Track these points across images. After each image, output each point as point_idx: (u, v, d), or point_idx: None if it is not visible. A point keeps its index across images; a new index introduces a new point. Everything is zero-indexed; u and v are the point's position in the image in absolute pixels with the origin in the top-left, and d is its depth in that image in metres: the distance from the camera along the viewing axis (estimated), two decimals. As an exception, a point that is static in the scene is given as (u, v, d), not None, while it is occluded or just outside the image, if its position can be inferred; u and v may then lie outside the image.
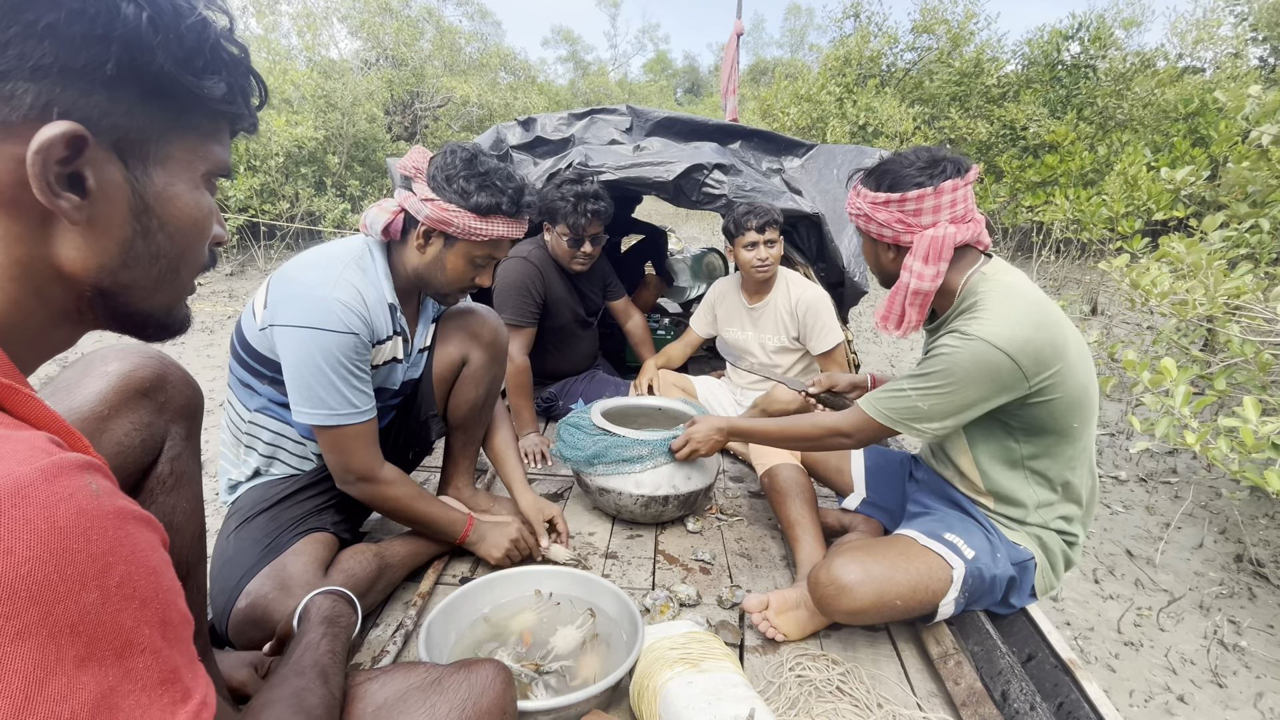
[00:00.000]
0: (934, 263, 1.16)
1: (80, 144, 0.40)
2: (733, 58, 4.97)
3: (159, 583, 0.38)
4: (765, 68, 23.80)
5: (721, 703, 0.93)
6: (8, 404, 0.40)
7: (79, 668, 0.33)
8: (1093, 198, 4.71)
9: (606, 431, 1.64)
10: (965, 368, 1.12)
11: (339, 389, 1.17)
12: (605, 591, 1.24)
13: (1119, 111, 8.15)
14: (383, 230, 1.24)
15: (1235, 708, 1.73)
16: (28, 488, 0.33)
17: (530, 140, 2.48)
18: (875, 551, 1.20)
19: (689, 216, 11.42)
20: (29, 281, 0.42)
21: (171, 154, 0.47)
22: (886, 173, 1.19)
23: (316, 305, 1.14)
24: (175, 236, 0.48)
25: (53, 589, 0.33)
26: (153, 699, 0.37)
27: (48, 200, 0.40)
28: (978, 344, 1.11)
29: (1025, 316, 1.13)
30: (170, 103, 0.45)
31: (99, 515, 0.36)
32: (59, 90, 0.40)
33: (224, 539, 1.23)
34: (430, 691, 0.75)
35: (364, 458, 1.23)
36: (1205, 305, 2.24)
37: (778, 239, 2.09)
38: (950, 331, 1.16)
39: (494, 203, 1.20)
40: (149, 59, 0.42)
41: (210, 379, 3.78)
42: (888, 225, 1.19)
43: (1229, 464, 1.86)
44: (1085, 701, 1.02)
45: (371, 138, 8.78)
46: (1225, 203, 3.13)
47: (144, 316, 0.50)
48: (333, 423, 1.18)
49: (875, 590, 1.14)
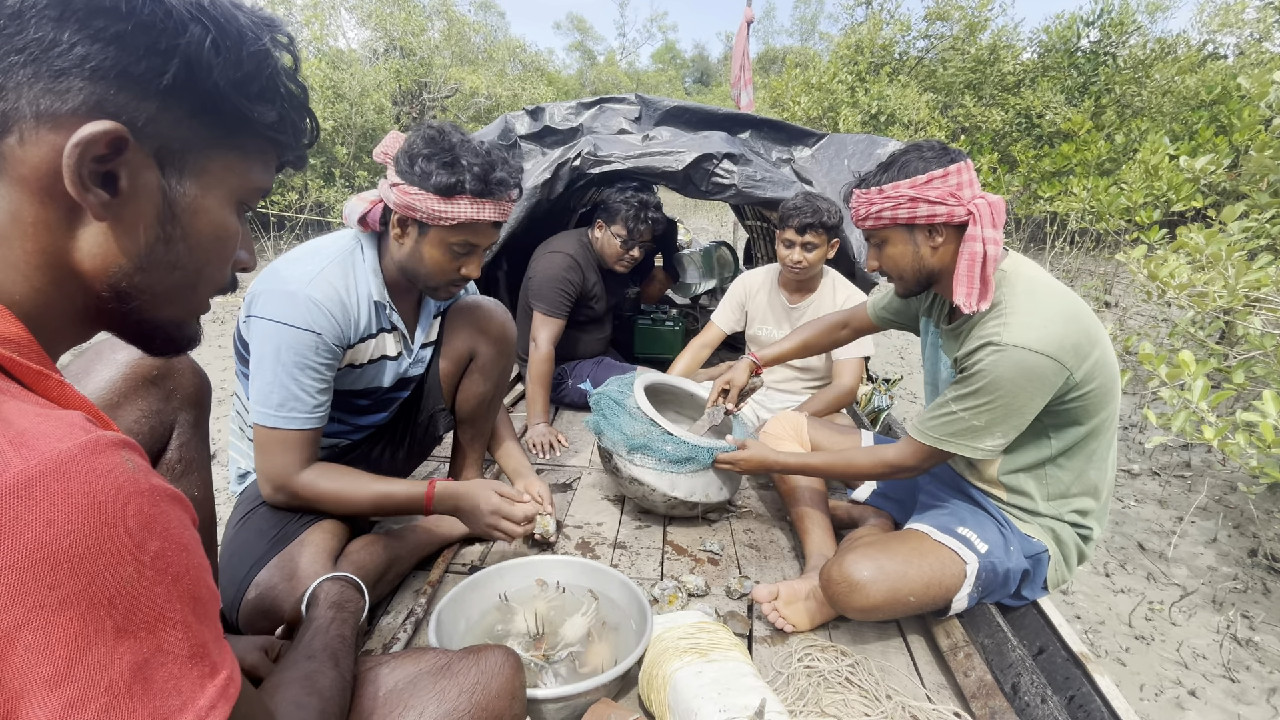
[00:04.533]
0: (1000, 226, 1.13)
1: (120, 145, 0.41)
2: (743, 47, 4.89)
3: (190, 559, 0.39)
4: (775, 56, 23.53)
5: (731, 692, 0.92)
6: (39, 388, 0.41)
7: (116, 639, 0.35)
8: (1110, 187, 4.63)
9: (654, 422, 1.58)
10: (1010, 379, 1.09)
11: (285, 387, 1.12)
12: (614, 581, 1.24)
13: (1137, 99, 8.00)
14: (360, 221, 1.21)
15: (1248, 702, 1.71)
16: (68, 463, 0.34)
17: (539, 130, 2.47)
18: (888, 548, 1.19)
19: (697, 207, 11.35)
20: (50, 273, 0.43)
21: (210, 169, 0.48)
22: (908, 162, 1.14)
23: (286, 300, 1.11)
24: (195, 249, 0.49)
25: (93, 561, 0.34)
26: (184, 672, 0.38)
27: (76, 193, 0.41)
28: (1016, 353, 1.08)
29: (1054, 312, 1.10)
30: (219, 120, 0.47)
31: (135, 492, 0.37)
32: (113, 93, 0.41)
33: (232, 528, 1.23)
34: (440, 676, 0.76)
35: (280, 464, 1.15)
36: (1225, 298, 2.20)
37: (821, 243, 1.96)
38: (983, 343, 1.12)
39: (454, 181, 1.10)
40: (205, 77, 0.44)
41: (221, 369, 3.82)
42: (941, 201, 1.12)
43: (1247, 459, 1.83)
44: (1097, 695, 1.01)
45: (380, 128, 8.78)
46: (1246, 192, 3.06)
47: (153, 327, 0.50)
48: (266, 422, 1.13)
49: (889, 587, 1.14)
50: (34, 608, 0.32)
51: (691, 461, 1.55)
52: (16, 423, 0.35)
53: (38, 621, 0.32)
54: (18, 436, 0.34)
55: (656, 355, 2.84)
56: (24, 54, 0.39)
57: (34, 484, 0.33)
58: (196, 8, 0.43)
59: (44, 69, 0.39)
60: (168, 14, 0.41)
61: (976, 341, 1.14)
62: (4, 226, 0.41)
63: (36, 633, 0.32)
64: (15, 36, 0.38)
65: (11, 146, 0.40)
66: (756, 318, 2.22)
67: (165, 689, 0.36)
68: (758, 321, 2.22)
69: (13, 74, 0.39)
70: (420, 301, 1.39)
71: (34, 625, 0.32)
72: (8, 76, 0.39)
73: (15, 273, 0.42)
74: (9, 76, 0.39)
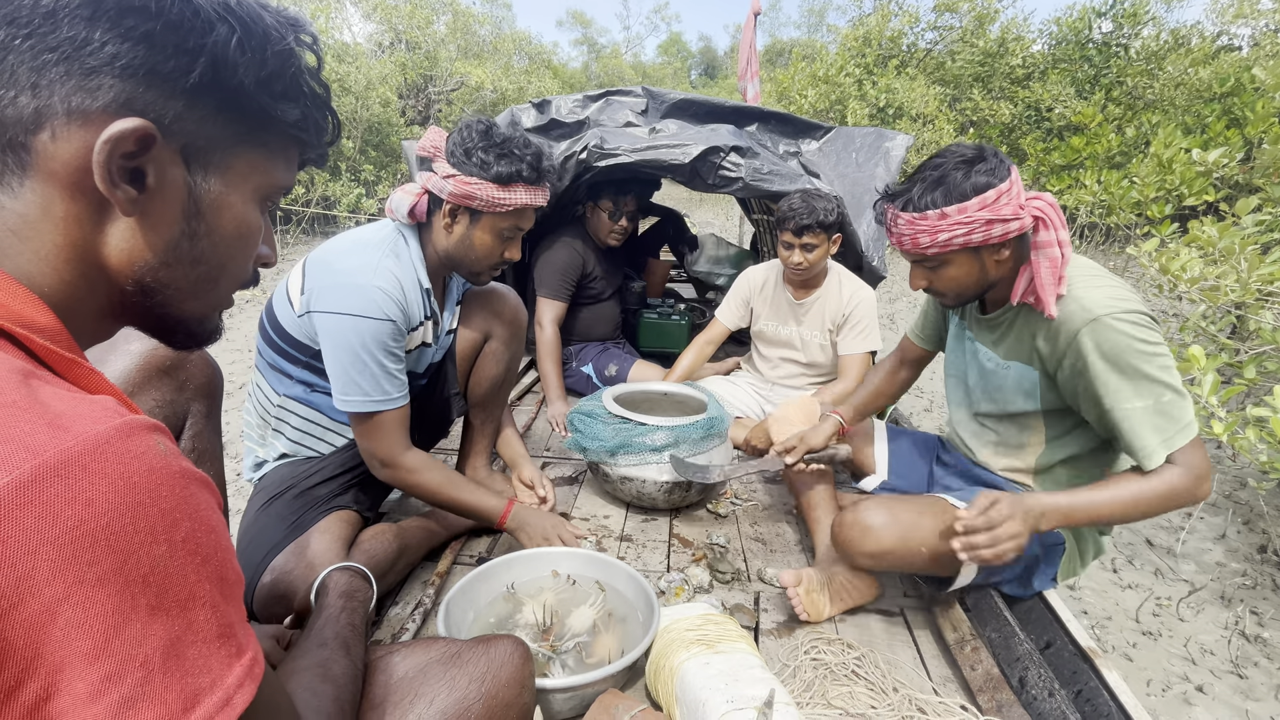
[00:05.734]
0: (1065, 224, 1.11)
1: (148, 141, 0.42)
2: (750, 39, 4.86)
3: (218, 541, 0.40)
4: (782, 49, 23.35)
5: (739, 684, 0.93)
6: (70, 376, 0.42)
7: (150, 616, 0.36)
8: (1121, 181, 4.58)
9: (626, 419, 1.63)
10: (1152, 337, 1.03)
11: (375, 376, 1.18)
12: (621, 573, 1.25)
13: (1149, 92, 7.90)
14: (409, 213, 1.25)
15: (1256, 699, 1.71)
16: (105, 445, 0.35)
17: (545, 123, 2.46)
18: (903, 499, 1.21)
19: (703, 200, 11.31)
20: (78, 266, 0.44)
21: (234, 166, 0.48)
22: (963, 178, 1.06)
23: (356, 292, 1.15)
24: (219, 244, 0.49)
25: (128, 540, 0.35)
26: (213, 650, 0.39)
27: (105, 188, 0.42)
28: (1134, 315, 1.03)
29: (1112, 277, 1.10)
30: (244, 117, 0.47)
31: (167, 474, 0.38)
32: (141, 90, 0.42)
33: (250, 515, 1.25)
34: (450, 664, 0.76)
35: (389, 444, 1.24)
36: (1237, 292, 2.18)
37: (821, 242, 1.93)
38: (1073, 332, 1.07)
39: (514, 170, 1.20)
40: (231, 75, 0.45)
41: (230, 361, 3.84)
42: (1015, 216, 1.06)
43: (1257, 455, 1.82)
44: (1104, 689, 1.01)
45: (385, 122, 8.79)
46: (1259, 185, 3.03)
47: (175, 321, 0.51)
48: (368, 409, 1.20)
49: (900, 533, 1.15)
50: (74, 584, 0.33)
51: (672, 447, 1.58)
52: (53, 405, 0.36)
53: (77, 597, 0.33)
54: (56, 418, 0.35)
55: (662, 349, 2.84)
56: (57, 52, 0.40)
57: (73, 464, 0.34)
58: (223, 7, 0.44)
59: (76, 67, 0.40)
60: (195, 13, 0.42)
61: (1063, 338, 1.09)
62: (35, 220, 0.42)
63: (76, 608, 0.33)
64: (49, 35, 0.39)
65: (44, 142, 0.41)
66: (762, 314, 2.21)
67: (196, 666, 0.37)
68: (763, 318, 2.21)
69: (46, 71, 0.40)
70: (446, 290, 1.43)
71: (74, 600, 0.33)
72: (41, 74, 0.40)
73: (45, 265, 0.43)
74: (42, 74, 0.40)
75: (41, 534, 0.32)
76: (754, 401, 2.24)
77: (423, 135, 1.28)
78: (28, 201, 0.42)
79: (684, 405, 1.88)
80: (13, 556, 0.31)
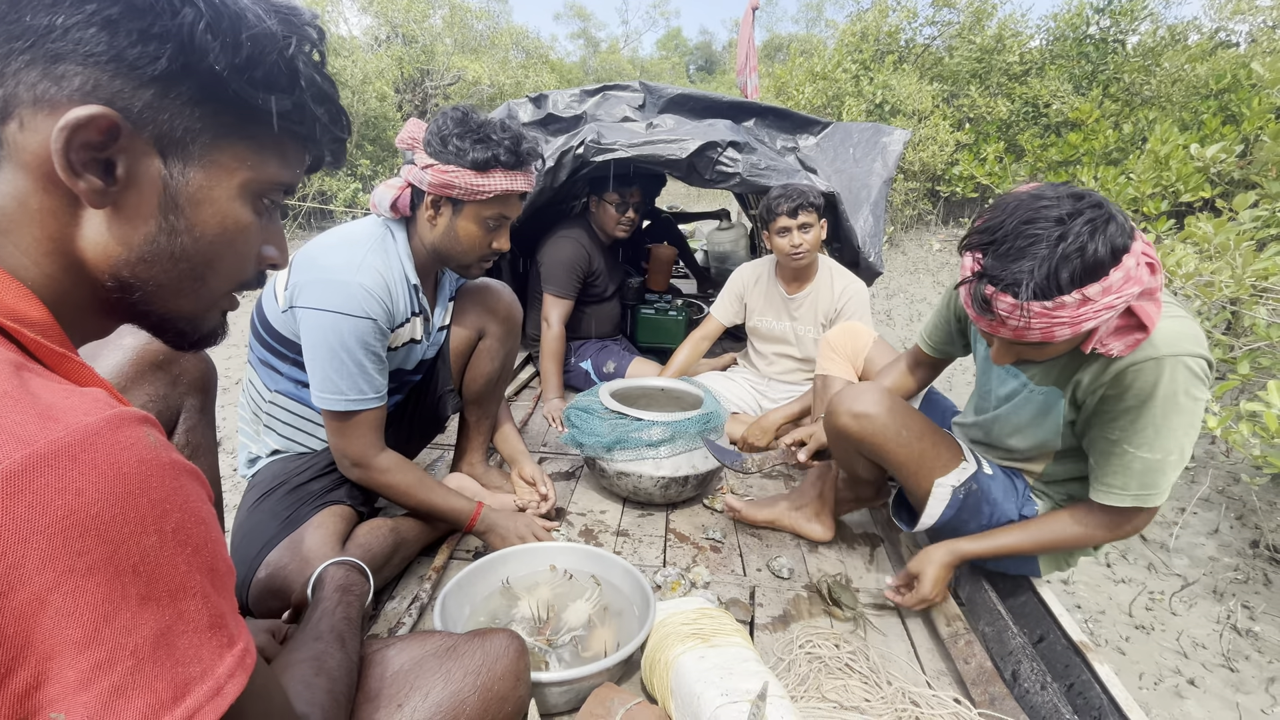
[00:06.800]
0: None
1: (115, 131, 0.41)
2: (749, 34, 4.84)
3: (208, 533, 0.40)
4: (780, 44, 23.28)
5: (733, 677, 0.93)
6: (60, 370, 0.41)
7: (141, 605, 0.36)
8: (1118, 177, 4.58)
9: (622, 415, 1.62)
10: (1202, 392, 0.92)
11: (353, 375, 1.17)
12: (617, 568, 1.25)
13: (1146, 88, 7.89)
14: (390, 207, 1.23)
15: (1247, 691, 1.72)
16: (95, 435, 0.35)
17: (542, 117, 2.45)
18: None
19: (701, 196, 11.29)
20: (59, 259, 0.43)
21: (219, 160, 0.46)
22: (1096, 248, 0.83)
23: (338, 289, 1.14)
24: (201, 241, 0.47)
25: (118, 530, 0.35)
26: (203, 640, 0.39)
27: (67, 178, 0.41)
28: (1197, 363, 0.91)
29: (1187, 312, 0.96)
30: (224, 108, 0.45)
31: (157, 465, 0.38)
32: (108, 78, 0.41)
33: (244, 511, 1.25)
34: (446, 658, 0.77)
35: (362, 444, 1.23)
36: (1231, 287, 2.19)
37: (815, 222, 1.95)
38: (1143, 362, 0.93)
39: (491, 155, 1.16)
40: (202, 61, 0.43)
41: (225, 356, 3.83)
42: (1137, 280, 0.87)
43: (1250, 449, 1.83)
44: (1096, 683, 1.02)
45: (382, 116, 8.74)
46: (1256, 181, 3.03)
47: (161, 319, 0.50)
48: (343, 408, 1.19)
49: (888, 407, 1.20)
50: (64, 572, 0.33)
51: (669, 442, 1.58)
52: (44, 397, 0.36)
53: (67, 586, 0.33)
54: (47, 410, 0.35)
55: (659, 344, 2.84)
56: (21, 40, 0.39)
57: (63, 454, 0.34)
58: None
59: (40, 54, 0.39)
60: None
61: (1114, 369, 0.96)
62: (13, 213, 0.41)
63: (66, 596, 0.33)
64: (14, 24, 0.39)
65: (13, 132, 0.40)
66: (755, 310, 2.22)
67: (186, 655, 0.37)
68: (757, 313, 2.22)
69: (11, 60, 0.39)
70: (437, 286, 1.42)
71: (64, 589, 0.33)
72: (7, 62, 0.39)
73: (28, 259, 0.42)
74: (8, 62, 0.39)
75: (32, 523, 0.32)
76: (750, 397, 2.24)
77: (402, 127, 1.26)
78: (4, 194, 0.41)
79: (680, 400, 1.88)
80: (3, 545, 0.32)
